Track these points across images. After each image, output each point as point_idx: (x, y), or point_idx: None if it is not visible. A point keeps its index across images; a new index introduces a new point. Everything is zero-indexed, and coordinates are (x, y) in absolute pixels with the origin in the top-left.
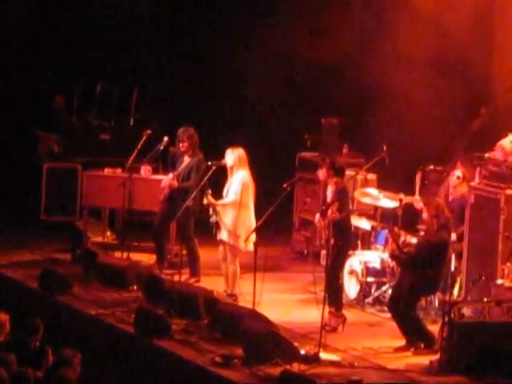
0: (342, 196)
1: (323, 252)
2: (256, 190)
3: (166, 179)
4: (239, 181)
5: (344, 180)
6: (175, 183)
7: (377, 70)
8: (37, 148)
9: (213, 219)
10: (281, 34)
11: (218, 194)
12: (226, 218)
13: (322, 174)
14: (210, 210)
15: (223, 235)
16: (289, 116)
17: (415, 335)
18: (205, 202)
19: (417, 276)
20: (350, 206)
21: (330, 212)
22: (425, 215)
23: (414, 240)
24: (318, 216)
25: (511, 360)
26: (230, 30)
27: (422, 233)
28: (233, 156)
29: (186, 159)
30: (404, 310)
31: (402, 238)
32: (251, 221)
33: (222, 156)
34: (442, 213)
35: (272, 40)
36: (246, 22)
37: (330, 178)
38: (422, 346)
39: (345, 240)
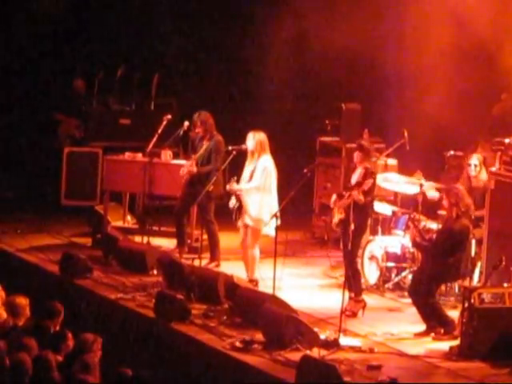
0: (372, 181)
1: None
2: (277, 175)
3: (185, 167)
4: (263, 166)
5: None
6: (194, 169)
7: (399, 56)
8: (57, 132)
9: (233, 204)
10: (299, 20)
11: (237, 179)
12: (250, 203)
13: (357, 156)
14: (233, 195)
15: (246, 219)
16: (309, 101)
17: (435, 321)
18: (228, 188)
19: (438, 263)
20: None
21: (354, 193)
22: (445, 202)
23: (434, 226)
24: (334, 197)
25: None
26: (250, 17)
27: (443, 219)
28: (254, 141)
29: (205, 143)
30: (424, 297)
31: (423, 224)
32: (274, 205)
33: (243, 141)
34: (461, 200)
35: (290, 26)
36: (264, 8)
37: (362, 161)
38: (442, 331)
39: (360, 224)
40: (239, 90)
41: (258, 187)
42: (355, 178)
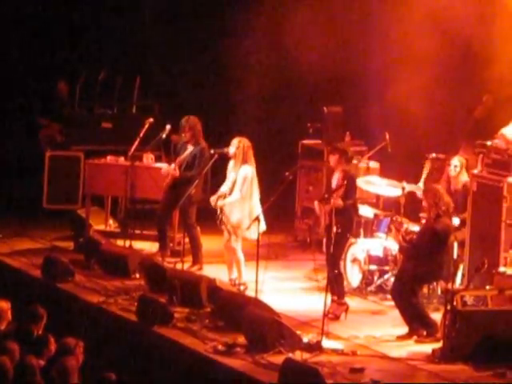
0: (351, 183)
1: (325, 240)
2: (259, 179)
3: (167, 167)
4: (243, 176)
5: (352, 168)
6: (177, 172)
7: (381, 59)
8: (38, 136)
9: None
10: (281, 24)
11: (220, 181)
12: (231, 212)
13: (333, 160)
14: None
15: (228, 227)
16: (291, 104)
17: (418, 323)
18: (212, 203)
19: (422, 264)
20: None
21: (333, 200)
22: (424, 203)
23: (416, 228)
24: (316, 202)
25: None
26: (232, 20)
27: (424, 221)
28: (237, 148)
29: (190, 147)
30: (407, 298)
31: (405, 226)
32: (255, 211)
33: (225, 144)
34: (440, 199)
35: (273, 29)
36: (248, 11)
37: (339, 164)
38: (425, 333)
39: (344, 228)
40: (220, 94)
41: (239, 199)
42: (334, 182)
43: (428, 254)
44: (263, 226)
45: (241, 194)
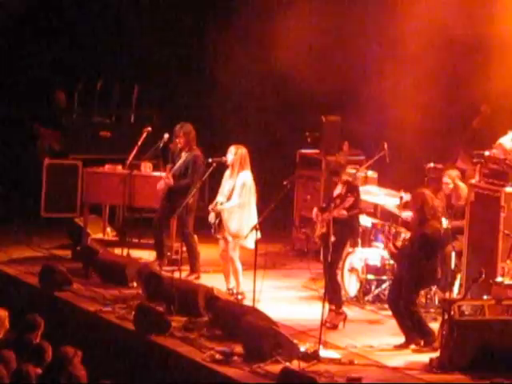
0: (355, 194)
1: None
2: (257, 187)
3: (161, 182)
4: (241, 183)
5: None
6: (171, 181)
7: (379, 68)
8: (36, 144)
9: (212, 219)
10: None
11: (218, 190)
12: (230, 220)
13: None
14: (212, 214)
15: (226, 235)
16: (289, 113)
17: (415, 331)
18: (210, 208)
19: (414, 269)
20: None
21: (335, 211)
22: (411, 207)
23: None
24: (315, 210)
25: (510, 358)
26: (228, 30)
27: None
28: (235, 155)
29: (184, 155)
30: (405, 306)
31: (403, 236)
32: (253, 220)
33: (222, 153)
34: (425, 204)
35: (271, 40)
36: (246, 21)
37: (341, 178)
38: (422, 343)
39: (342, 237)
40: (219, 103)
41: (239, 205)
42: (337, 191)
43: (420, 260)
44: (258, 234)
45: (240, 200)
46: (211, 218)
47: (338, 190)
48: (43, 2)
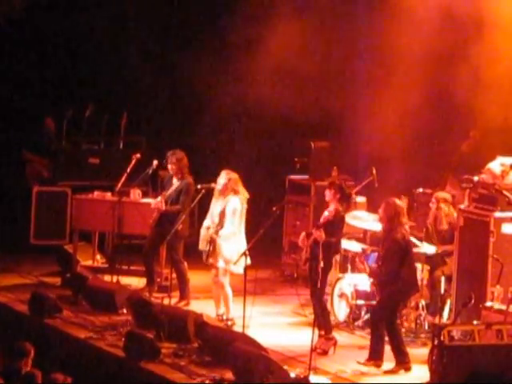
0: (338, 221)
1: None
2: (246, 213)
3: (155, 202)
4: (232, 209)
5: (344, 208)
6: (162, 206)
7: (368, 93)
8: (24, 171)
9: (205, 247)
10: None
11: (205, 214)
12: (225, 247)
13: (328, 195)
14: (204, 241)
15: (219, 262)
16: (278, 139)
17: (393, 350)
18: (207, 235)
19: (391, 283)
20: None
21: (317, 232)
22: (382, 215)
23: None
24: (303, 235)
25: (500, 383)
26: (220, 52)
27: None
28: (226, 180)
29: (175, 182)
30: (388, 319)
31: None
32: (243, 245)
33: (212, 179)
34: (398, 212)
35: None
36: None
37: (333, 200)
38: (395, 362)
39: (325, 262)
40: (208, 130)
41: (234, 232)
42: (325, 215)
43: (395, 270)
44: (248, 260)
45: (233, 227)
46: (203, 245)
47: (326, 212)
48: (33, 28)
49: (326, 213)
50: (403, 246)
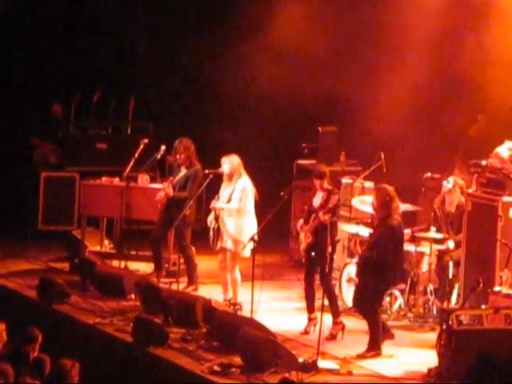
0: (333, 202)
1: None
2: (256, 196)
3: (161, 193)
4: (242, 187)
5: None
6: (170, 192)
7: (376, 79)
8: (32, 157)
9: (211, 222)
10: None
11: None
12: (230, 224)
13: (317, 184)
14: (212, 216)
15: (226, 242)
16: (286, 124)
17: (371, 333)
18: (211, 205)
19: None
20: (348, 214)
21: (321, 214)
22: (375, 202)
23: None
24: (301, 221)
25: (509, 367)
26: (225, 41)
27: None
28: (229, 164)
29: (183, 170)
30: (373, 313)
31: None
32: (254, 227)
33: (219, 164)
34: (392, 199)
35: (267, 50)
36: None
37: (322, 186)
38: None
39: (333, 245)
40: (214, 115)
41: (238, 209)
42: (318, 200)
43: (387, 257)
44: (255, 245)
45: (239, 204)
46: (209, 220)
47: (318, 198)
48: (40, 15)
49: (317, 198)
50: (398, 233)
